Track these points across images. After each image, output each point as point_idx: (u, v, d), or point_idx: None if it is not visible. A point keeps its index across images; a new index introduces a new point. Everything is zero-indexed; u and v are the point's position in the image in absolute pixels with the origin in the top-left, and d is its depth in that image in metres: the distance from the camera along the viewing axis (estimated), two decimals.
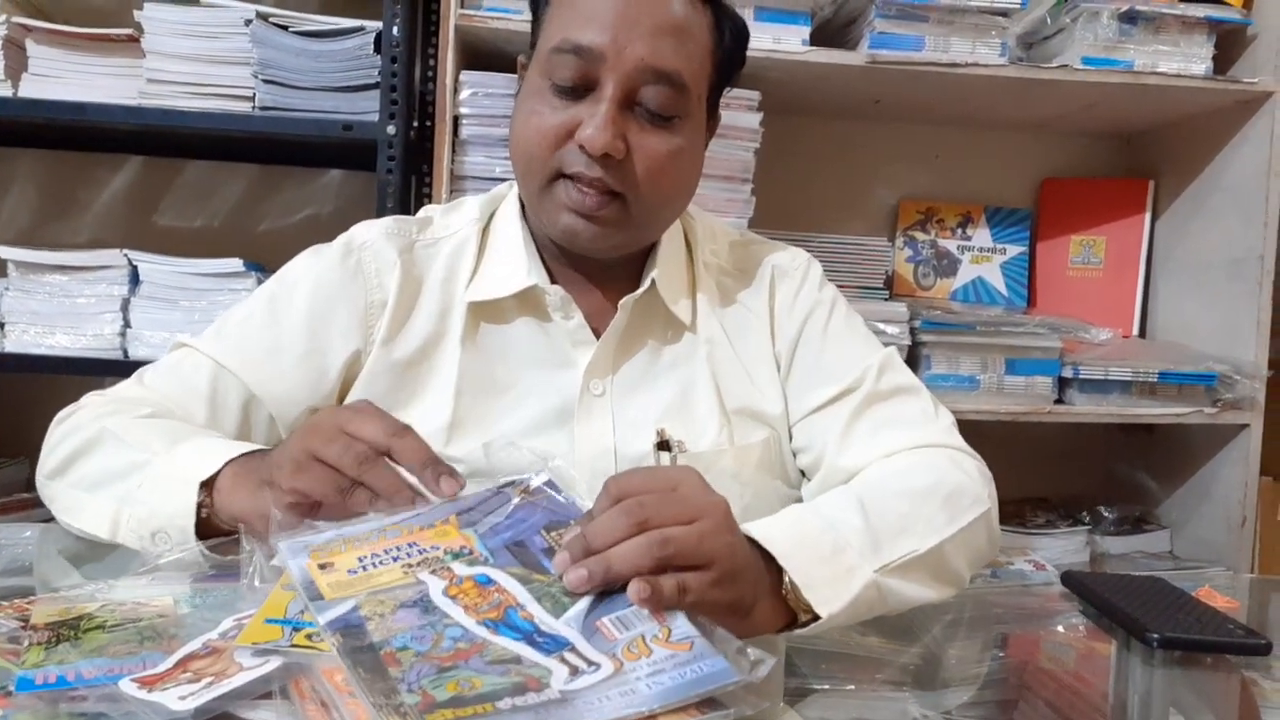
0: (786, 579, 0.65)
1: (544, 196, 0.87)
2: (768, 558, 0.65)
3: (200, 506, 0.72)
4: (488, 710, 0.47)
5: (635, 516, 0.57)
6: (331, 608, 0.53)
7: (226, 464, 0.73)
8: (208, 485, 0.72)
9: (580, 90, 0.84)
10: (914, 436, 0.88)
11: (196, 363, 0.90)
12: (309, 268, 0.94)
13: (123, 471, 0.78)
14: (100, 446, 0.81)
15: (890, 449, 0.88)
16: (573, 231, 0.86)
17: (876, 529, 0.72)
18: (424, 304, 0.93)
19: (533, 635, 0.53)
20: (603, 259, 0.92)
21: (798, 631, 0.66)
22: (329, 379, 0.91)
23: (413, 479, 0.65)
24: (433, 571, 0.57)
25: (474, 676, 0.49)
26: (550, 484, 0.67)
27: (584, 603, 0.55)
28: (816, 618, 0.65)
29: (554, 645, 0.52)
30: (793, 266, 1.01)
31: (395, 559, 0.58)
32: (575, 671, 0.50)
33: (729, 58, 0.92)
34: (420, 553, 0.59)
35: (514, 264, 0.93)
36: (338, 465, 0.64)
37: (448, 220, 0.98)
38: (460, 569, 0.58)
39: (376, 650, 0.50)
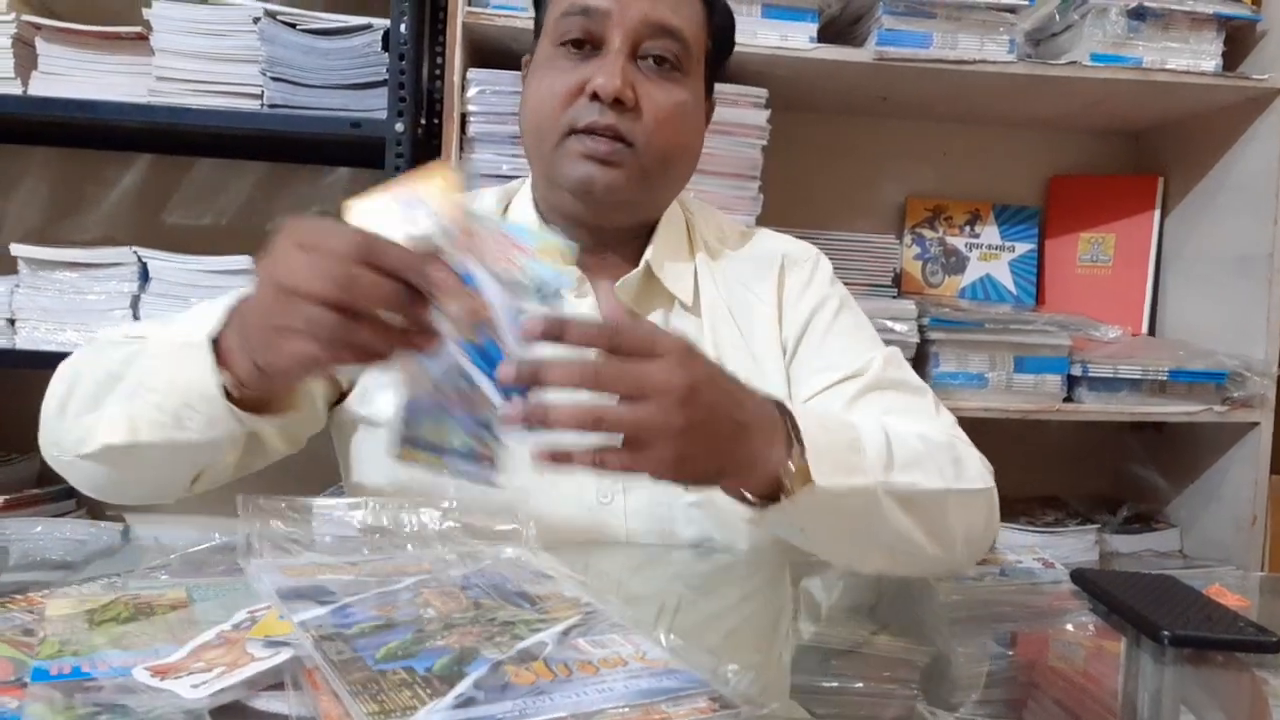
0: (793, 441, 0.68)
1: (557, 153, 0.90)
2: (784, 415, 0.69)
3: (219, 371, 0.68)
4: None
5: (589, 376, 0.59)
6: (306, 609, 0.54)
7: (228, 321, 0.69)
8: (218, 350, 0.68)
9: (588, 49, 0.90)
10: (920, 426, 0.88)
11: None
12: None
13: (119, 370, 0.74)
14: (87, 366, 0.77)
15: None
16: (588, 180, 0.88)
17: (894, 453, 0.75)
18: None
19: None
20: (611, 226, 0.94)
21: (771, 511, 0.68)
22: None
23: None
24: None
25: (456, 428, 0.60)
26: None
27: (562, 625, 0.56)
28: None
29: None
30: (804, 257, 1.02)
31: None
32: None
33: (721, 34, 0.99)
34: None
35: None
36: (319, 292, 0.58)
37: None
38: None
39: (351, 641, 0.51)
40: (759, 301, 0.98)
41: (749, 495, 0.69)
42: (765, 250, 1.02)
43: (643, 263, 0.94)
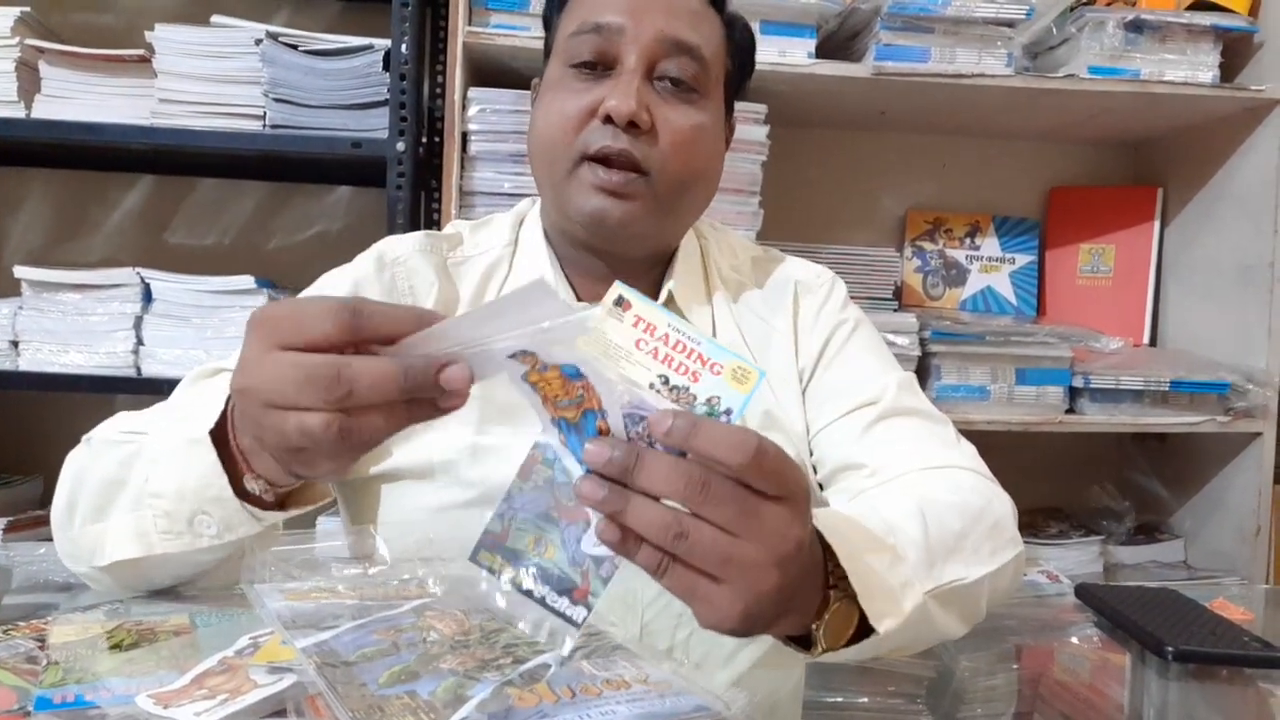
0: (838, 581, 0.58)
1: (568, 183, 0.85)
2: (825, 551, 0.58)
3: (225, 462, 0.61)
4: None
5: (695, 488, 0.48)
6: (308, 635, 0.54)
7: (231, 402, 0.61)
8: (221, 439, 0.61)
9: (601, 70, 0.85)
10: (945, 456, 0.84)
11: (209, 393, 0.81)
12: (346, 276, 0.90)
13: (118, 474, 0.67)
14: (88, 470, 0.71)
15: (924, 463, 0.83)
16: (600, 213, 0.83)
17: (933, 545, 0.68)
18: None
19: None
20: (625, 256, 0.90)
21: (824, 658, 0.59)
22: None
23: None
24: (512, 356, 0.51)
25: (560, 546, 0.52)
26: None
27: (565, 648, 0.53)
28: (850, 639, 0.59)
29: None
30: (817, 283, 0.99)
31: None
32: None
33: (741, 55, 0.95)
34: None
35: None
36: (307, 405, 0.49)
37: (477, 238, 0.96)
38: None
39: (354, 667, 0.51)
40: (774, 332, 0.95)
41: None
42: (778, 278, 0.99)
43: (665, 294, 0.91)
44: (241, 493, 0.61)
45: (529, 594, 0.52)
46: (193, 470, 0.62)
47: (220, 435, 0.61)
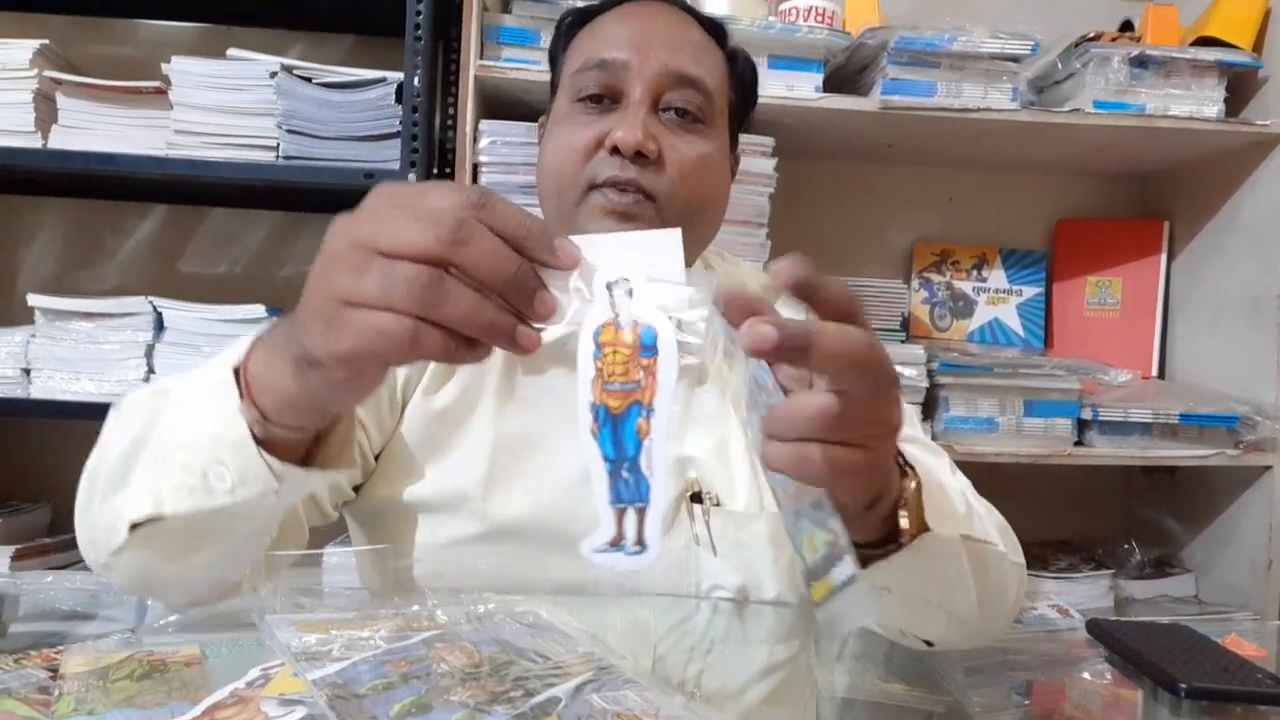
0: (910, 485, 0.59)
1: (578, 212, 0.86)
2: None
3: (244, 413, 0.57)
4: None
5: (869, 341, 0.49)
6: (319, 667, 0.53)
7: (253, 348, 0.58)
8: (242, 386, 0.57)
9: (607, 103, 0.87)
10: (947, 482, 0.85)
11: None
12: None
13: (143, 433, 0.63)
14: (109, 435, 0.68)
15: None
16: None
17: (970, 508, 0.73)
18: None
19: (623, 463, 0.48)
20: None
21: (879, 567, 0.58)
22: (396, 400, 0.88)
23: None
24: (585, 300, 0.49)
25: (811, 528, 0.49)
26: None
27: (576, 680, 0.53)
28: (902, 539, 0.59)
29: (630, 494, 0.49)
30: None
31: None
32: (617, 542, 0.49)
33: (744, 87, 0.98)
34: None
35: None
36: (385, 305, 0.46)
37: None
38: None
39: (365, 699, 0.50)
40: None
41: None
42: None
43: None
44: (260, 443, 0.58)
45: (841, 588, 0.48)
46: (210, 413, 0.58)
47: (244, 378, 0.58)
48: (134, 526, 0.62)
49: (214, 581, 0.69)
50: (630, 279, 0.48)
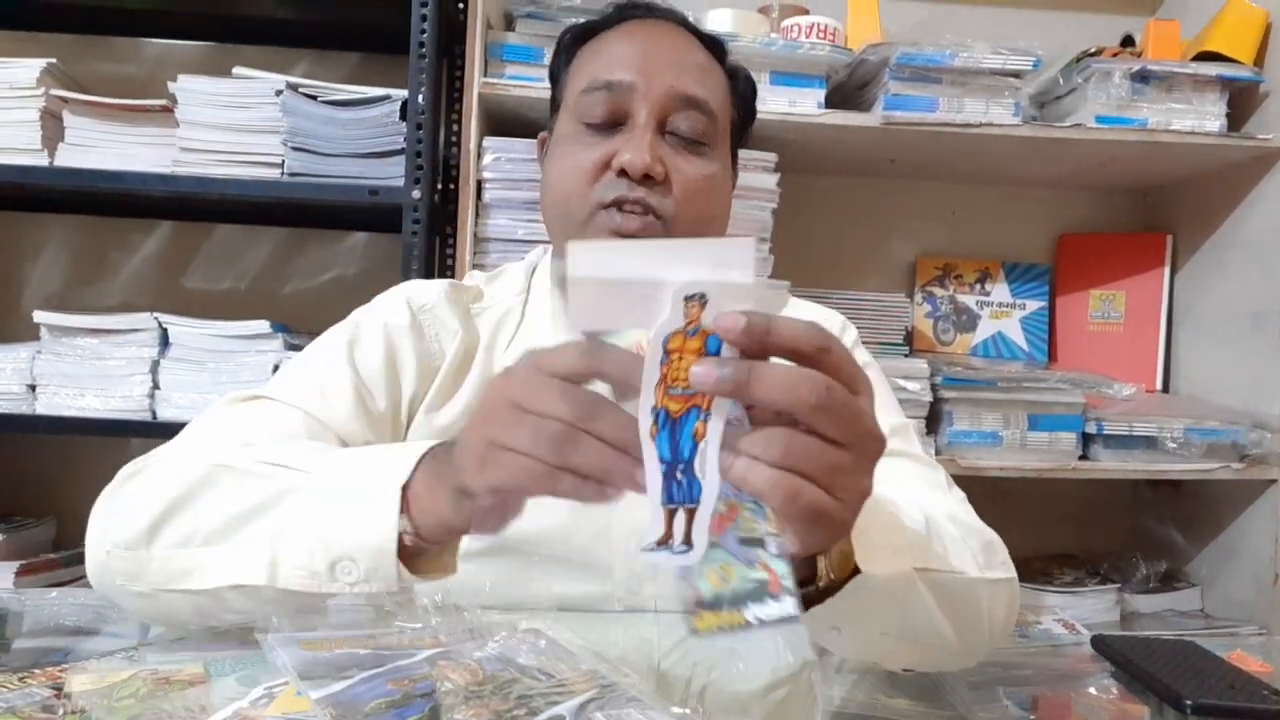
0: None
1: (584, 232, 0.86)
2: None
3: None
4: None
5: (819, 395, 0.48)
6: (323, 685, 0.54)
7: (419, 464, 0.62)
8: (404, 501, 0.61)
9: (612, 125, 0.88)
10: (933, 498, 0.84)
11: (281, 413, 0.81)
12: (378, 315, 0.91)
13: (263, 503, 0.65)
14: (212, 488, 0.67)
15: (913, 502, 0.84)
16: None
17: (931, 534, 0.71)
18: (471, 374, 0.92)
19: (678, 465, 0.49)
20: None
21: (815, 616, 0.60)
22: (400, 427, 0.89)
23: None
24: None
25: (730, 560, 0.49)
26: None
27: (579, 699, 0.54)
28: (838, 582, 0.60)
29: (683, 495, 0.49)
30: (829, 325, 1.00)
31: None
32: (666, 541, 0.49)
33: (744, 104, 0.98)
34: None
35: (548, 330, 0.94)
36: (530, 453, 0.52)
37: (492, 289, 0.99)
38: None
39: (368, 719, 0.50)
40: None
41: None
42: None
43: None
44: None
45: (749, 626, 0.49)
46: (366, 517, 0.61)
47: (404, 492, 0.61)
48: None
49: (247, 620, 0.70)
50: (708, 293, 0.49)
